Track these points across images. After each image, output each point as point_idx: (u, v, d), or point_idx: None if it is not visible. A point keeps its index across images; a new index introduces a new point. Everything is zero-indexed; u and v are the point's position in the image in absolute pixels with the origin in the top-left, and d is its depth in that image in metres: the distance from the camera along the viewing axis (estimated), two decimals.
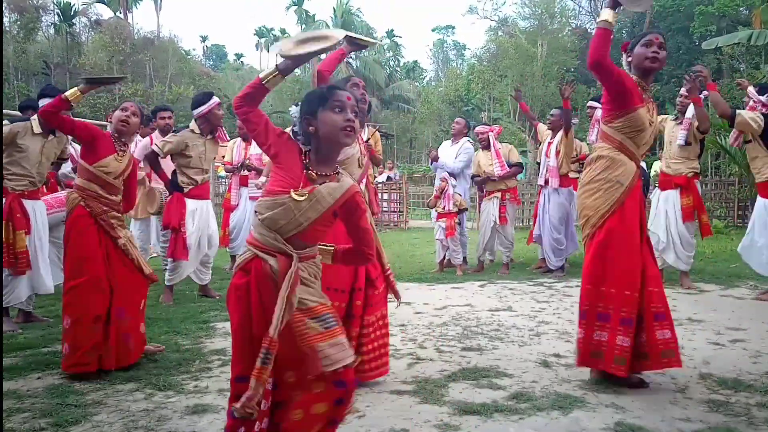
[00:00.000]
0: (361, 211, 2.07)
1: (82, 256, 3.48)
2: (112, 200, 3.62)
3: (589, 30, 36.24)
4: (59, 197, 5.40)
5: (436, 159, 7.37)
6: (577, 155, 7.10)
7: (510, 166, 7.15)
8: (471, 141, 7.62)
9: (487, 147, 7.25)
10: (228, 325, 4.57)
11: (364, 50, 43.85)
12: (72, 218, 3.55)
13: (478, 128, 7.55)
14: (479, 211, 7.67)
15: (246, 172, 7.42)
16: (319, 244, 2.12)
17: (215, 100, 5.33)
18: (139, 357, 3.59)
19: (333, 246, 2.22)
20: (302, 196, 1.95)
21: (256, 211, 2.03)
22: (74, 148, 6.51)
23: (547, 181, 6.88)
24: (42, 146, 4.51)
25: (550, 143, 6.88)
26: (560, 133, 6.76)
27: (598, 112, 6.12)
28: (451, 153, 7.45)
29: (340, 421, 2.03)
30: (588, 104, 6.52)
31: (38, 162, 4.53)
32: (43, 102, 4.41)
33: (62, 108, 3.49)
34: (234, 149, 7.54)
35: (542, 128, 7.28)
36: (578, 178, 7.22)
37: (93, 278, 3.45)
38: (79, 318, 3.39)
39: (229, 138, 6.18)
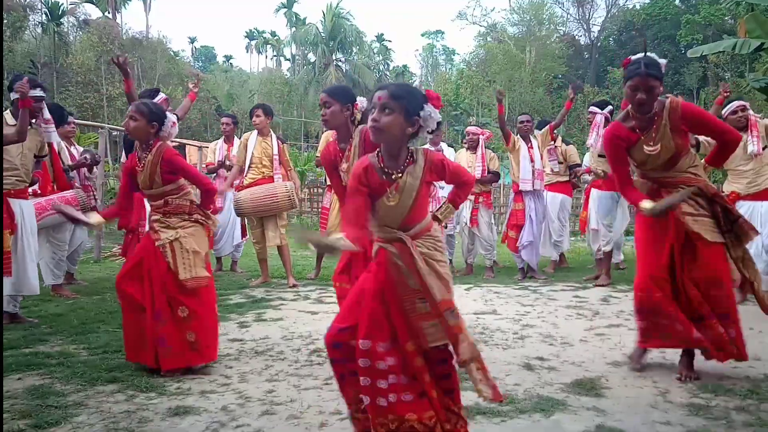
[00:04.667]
0: (445, 161, 2.30)
1: (136, 254, 3.73)
2: (154, 205, 3.66)
3: (576, 37, 36.53)
4: (64, 197, 5.36)
5: None
6: (563, 160, 7.27)
7: (488, 173, 7.21)
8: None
9: (473, 148, 7.29)
10: None
11: (353, 55, 43.64)
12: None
13: (471, 128, 7.61)
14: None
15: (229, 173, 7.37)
16: (436, 211, 2.53)
17: (161, 96, 5.29)
18: (179, 366, 3.46)
19: (445, 202, 2.64)
20: (393, 199, 2.21)
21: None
22: (77, 149, 6.50)
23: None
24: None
25: (530, 148, 6.90)
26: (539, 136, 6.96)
27: (598, 117, 6.25)
28: None
29: (456, 388, 2.31)
30: (589, 109, 6.57)
31: (20, 153, 4.45)
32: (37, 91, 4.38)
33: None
34: (216, 150, 7.51)
35: (518, 138, 7.22)
36: (568, 182, 7.41)
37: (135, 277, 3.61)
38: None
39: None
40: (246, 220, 6.79)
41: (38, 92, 4.39)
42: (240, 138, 7.56)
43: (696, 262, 3.27)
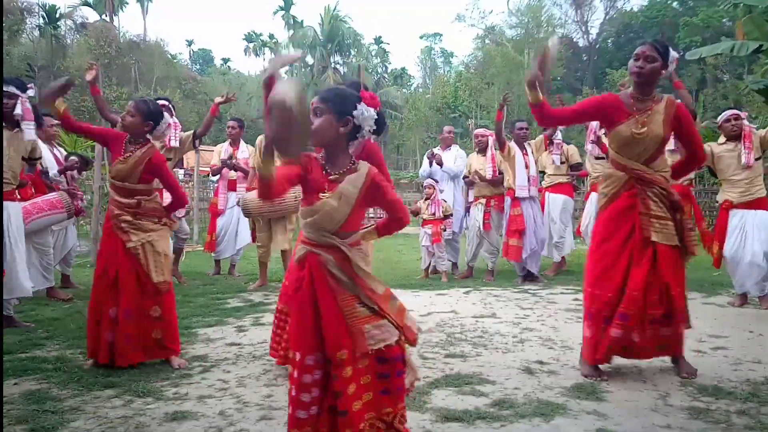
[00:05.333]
0: (384, 186, 2.28)
1: (101, 254, 3.74)
2: (123, 203, 3.63)
3: (575, 40, 36.59)
4: (49, 199, 5.31)
5: (440, 163, 7.43)
6: (565, 159, 7.28)
7: (500, 173, 7.18)
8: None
9: (483, 150, 7.29)
10: (209, 331, 4.56)
11: (351, 57, 43.60)
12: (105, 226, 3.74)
13: (479, 131, 7.62)
14: (466, 217, 7.71)
15: (234, 174, 7.36)
16: (362, 228, 2.40)
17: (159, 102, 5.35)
18: (140, 361, 3.61)
19: (373, 224, 2.51)
20: (328, 196, 2.20)
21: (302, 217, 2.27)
22: (59, 151, 6.45)
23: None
24: (8, 140, 4.43)
25: (525, 154, 6.88)
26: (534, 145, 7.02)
27: (594, 123, 6.24)
28: (448, 158, 7.61)
29: (396, 390, 2.24)
30: None
31: (6, 156, 4.41)
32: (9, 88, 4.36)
33: (67, 120, 3.69)
34: (221, 153, 7.49)
35: (513, 145, 6.95)
36: (570, 183, 7.41)
37: (100, 276, 3.64)
38: (91, 309, 3.64)
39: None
40: (255, 224, 6.71)
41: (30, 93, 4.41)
42: (244, 141, 7.58)
43: (656, 264, 3.31)
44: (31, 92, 4.41)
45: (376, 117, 2.28)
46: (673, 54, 3.36)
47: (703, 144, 3.60)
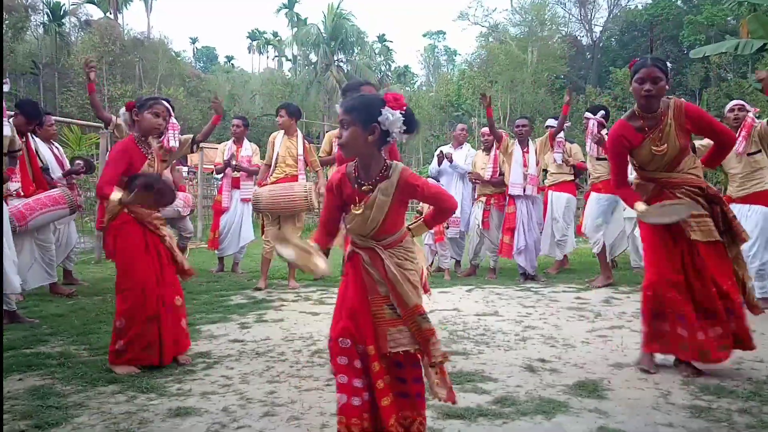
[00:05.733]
0: (419, 185, 2.28)
1: (130, 262, 3.53)
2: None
3: (578, 38, 36.51)
4: (51, 195, 5.33)
5: (450, 159, 7.45)
6: (568, 158, 7.28)
7: (500, 174, 7.18)
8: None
9: (489, 149, 7.32)
10: (212, 328, 4.58)
11: (354, 55, 43.51)
12: (116, 225, 3.54)
13: (485, 130, 7.63)
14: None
15: (237, 174, 7.39)
16: (410, 224, 2.45)
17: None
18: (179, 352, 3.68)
19: (420, 219, 2.54)
20: (360, 209, 2.26)
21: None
22: (59, 150, 6.47)
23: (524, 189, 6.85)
24: None
25: (525, 152, 6.87)
26: (539, 142, 6.96)
27: (591, 122, 6.26)
28: (460, 157, 7.63)
29: (414, 396, 2.30)
30: (584, 116, 6.59)
31: None
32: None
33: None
34: (225, 151, 7.51)
35: (514, 142, 7.00)
36: (573, 181, 7.41)
37: (141, 282, 3.51)
38: (132, 318, 3.48)
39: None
40: (264, 219, 6.73)
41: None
42: (248, 139, 7.59)
43: (704, 259, 3.32)
44: (5, 87, 4.37)
45: (403, 119, 2.25)
46: (668, 65, 3.39)
47: (725, 127, 3.57)
